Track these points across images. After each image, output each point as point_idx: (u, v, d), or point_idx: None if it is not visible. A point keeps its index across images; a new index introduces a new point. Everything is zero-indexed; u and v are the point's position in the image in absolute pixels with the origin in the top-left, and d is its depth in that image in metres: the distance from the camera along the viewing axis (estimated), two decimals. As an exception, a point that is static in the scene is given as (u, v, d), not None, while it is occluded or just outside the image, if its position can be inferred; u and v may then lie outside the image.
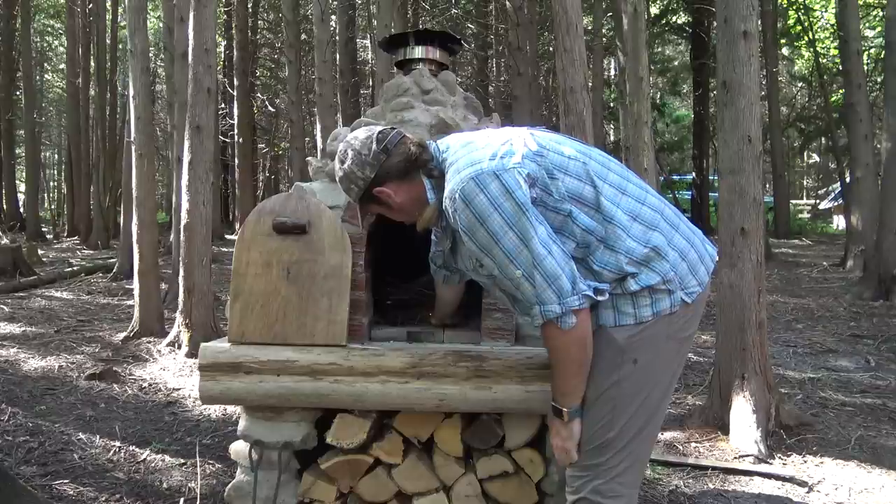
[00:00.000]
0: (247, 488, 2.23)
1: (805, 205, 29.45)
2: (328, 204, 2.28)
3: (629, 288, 1.57)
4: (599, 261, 1.57)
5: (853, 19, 9.60)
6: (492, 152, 1.55)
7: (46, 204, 27.03)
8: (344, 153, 1.69)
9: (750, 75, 3.69)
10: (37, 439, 3.44)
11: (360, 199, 1.72)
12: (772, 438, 3.47)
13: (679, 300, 1.60)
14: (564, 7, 4.59)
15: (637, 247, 1.56)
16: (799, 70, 22.92)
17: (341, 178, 1.71)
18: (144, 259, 6.09)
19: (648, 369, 1.61)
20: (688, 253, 1.63)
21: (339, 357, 2.12)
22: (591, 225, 1.56)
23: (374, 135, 1.67)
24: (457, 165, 1.58)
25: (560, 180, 1.56)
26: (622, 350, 1.59)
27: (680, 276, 1.60)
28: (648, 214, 1.61)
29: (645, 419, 1.64)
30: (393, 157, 1.65)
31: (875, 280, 7.68)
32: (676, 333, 1.64)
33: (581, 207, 1.57)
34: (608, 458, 1.63)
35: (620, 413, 1.61)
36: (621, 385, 1.60)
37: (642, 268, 1.57)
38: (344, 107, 12.88)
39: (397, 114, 2.43)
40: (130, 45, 6.37)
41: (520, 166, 1.52)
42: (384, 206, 1.71)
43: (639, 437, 1.64)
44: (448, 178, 1.59)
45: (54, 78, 27.29)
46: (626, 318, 1.59)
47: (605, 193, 1.58)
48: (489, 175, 1.50)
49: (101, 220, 15.81)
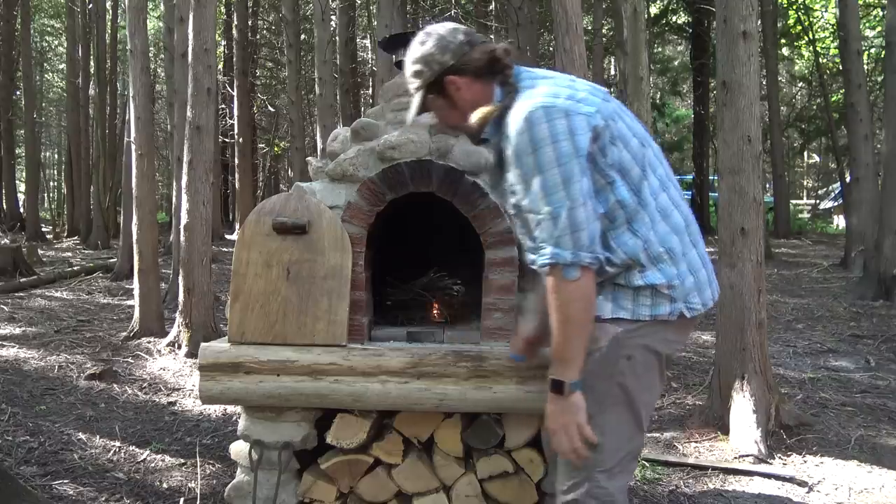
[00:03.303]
0: (247, 488, 2.23)
1: (805, 205, 29.42)
2: (328, 204, 2.28)
3: (633, 282, 1.58)
4: (618, 239, 1.58)
5: (853, 19, 9.59)
6: (570, 93, 1.56)
7: (46, 204, 27.05)
8: (426, 36, 1.67)
9: (750, 75, 3.69)
10: (37, 439, 3.44)
11: (427, 86, 1.68)
12: (772, 438, 3.47)
13: (678, 311, 1.59)
14: (564, 7, 4.59)
15: (655, 242, 1.58)
16: (799, 70, 22.92)
17: (416, 59, 1.67)
18: (144, 259, 6.09)
19: (639, 370, 1.60)
20: (698, 271, 1.64)
21: (339, 357, 2.12)
22: (627, 201, 1.57)
23: (462, 28, 1.69)
24: (533, 91, 1.58)
25: (618, 149, 1.57)
26: (618, 343, 1.58)
27: (686, 287, 1.60)
28: (676, 220, 1.63)
29: (632, 421, 1.63)
30: (474, 53, 1.64)
31: (875, 280, 7.68)
32: (669, 343, 1.64)
33: (624, 181, 1.58)
34: (602, 457, 1.59)
35: (610, 408, 1.60)
36: (614, 378, 1.59)
37: (651, 265, 1.57)
38: (344, 107, 12.88)
39: (397, 114, 2.43)
40: (130, 45, 6.37)
41: (590, 116, 1.53)
42: (446, 99, 1.68)
43: (629, 439, 1.63)
44: (520, 98, 1.58)
45: (54, 78, 27.29)
46: (623, 312, 1.59)
47: (650, 181, 1.60)
48: (559, 111, 1.51)
49: (101, 220, 15.79)
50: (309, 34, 16.30)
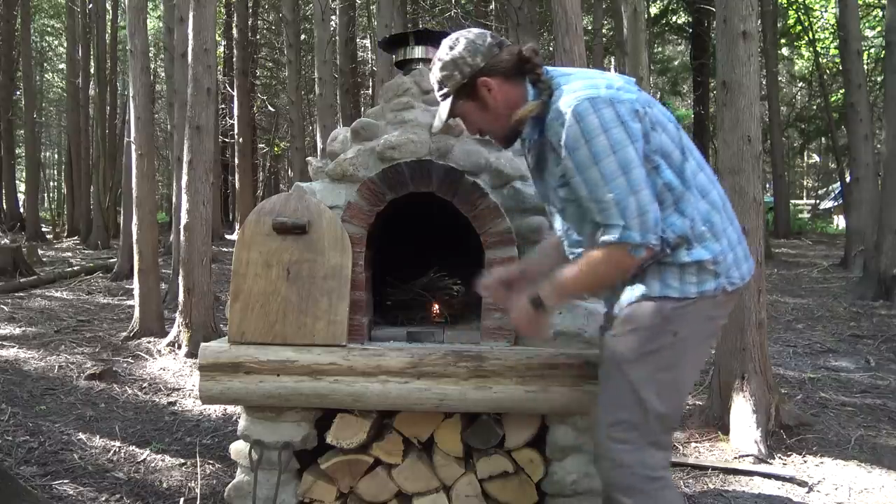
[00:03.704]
0: (247, 488, 2.23)
1: (805, 205, 29.41)
2: (328, 204, 2.28)
3: (680, 259, 1.61)
4: (667, 220, 1.61)
5: (853, 19, 9.59)
6: (608, 83, 1.60)
7: (46, 204, 27.05)
8: (454, 41, 1.69)
9: (750, 75, 3.69)
10: (37, 439, 3.44)
11: (457, 90, 1.68)
12: (772, 438, 3.47)
13: (721, 286, 1.64)
14: (564, 7, 4.59)
15: (699, 220, 1.62)
16: (799, 70, 22.91)
17: (445, 64, 1.68)
18: (144, 259, 6.09)
19: (685, 345, 1.64)
20: (735, 247, 1.68)
21: (338, 357, 2.12)
22: (673, 183, 1.61)
23: (488, 32, 1.71)
24: (571, 86, 1.60)
25: (658, 134, 1.61)
26: (666, 319, 1.62)
27: (727, 263, 1.65)
28: (714, 197, 1.68)
29: (676, 396, 1.67)
30: (503, 54, 1.67)
31: (875, 280, 7.68)
32: (714, 319, 1.68)
33: (667, 165, 1.62)
34: (652, 434, 1.64)
35: (654, 383, 1.63)
36: (661, 353, 1.63)
37: (697, 242, 1.62)
38: (344, 107, 12.88)
39: (397, 114, 2.43)
40: (130, 45, 6.37)
41: (633, 102, 1.57)
42: (478, 101, 1.69)
43: (674, 412, 1.68)
44: (559, 95, 1.60)
45: (54, 78, 27.30)
46: (670, 290, 1.62)
47: (690, 162, 1.66)
48: (604, 101, 1.54)
49: (101, 220, 15.80)
50: (309, 34, 16.30)
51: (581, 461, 2.19)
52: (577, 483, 2.18)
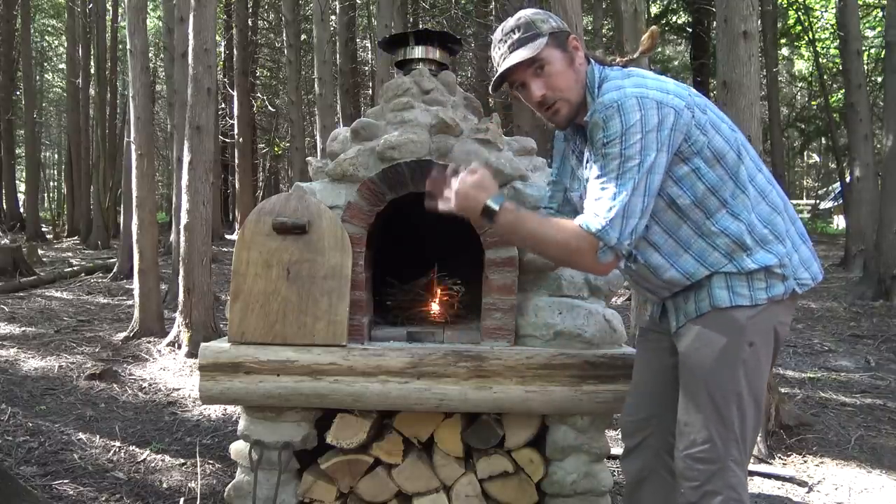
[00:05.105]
0: (247, 488, 2.23)
1: (805, 205, 29.41)
2: (328, 204, 2.28)
3: (746, 266, 1.58)
4: (720, 223, 1.59)
5: (853, 19, 9.60)
6: (660, 85, 1.59)
7: (46, 204, 27.06)
8: (520, 16, 1.67)
9: (750, 75, 3.69)
10: (37, 439, 3.44)
11: (552, 34, 1.64)
12: (772, 438, 3.47)
13: (791, 288, 1.61)
14: (564, 7, 4.58)
15: (759, 224, 1.60)
16: (799, 70, 22.92)
17: (522, 24, 1.65)
18: (144, 259, 6.09)
19: (758, 355, 1.60)
20: (800, 247, 1.66)
21: (338, 357, 2.12)
22: (717, 185, 1.59)
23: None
24: (622, 81, 1.60)
25: (711, 137, 1.59)
26: (742, 330, 1.58)
27: (794, 264, 1.62)
28: (774, 198, 1.65)
29: (757, 411, 1.60)
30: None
31: (875, 280, 7.68)
32: (783, 324, 1.65)
33: (714, 168, 1.59)
34: (736, 452, 1.59)
35: (735, 397, 1.57)
36: (741, 367, 1.58)
37: (759, 247, 1.59)
38: (344, 107, 12.87)
39: (397, 114, 2.43)
40: (130, 45, 6.37)
41: (679, 109, 1.56)
42: (567, 54, 1.65)
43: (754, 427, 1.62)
44: (609, 88, 1.59)
45: (54, 78, 27.31)
46: (741, 298, 1.59)
47: (746, 164, 1.63)
48: (653, 102, 1.54)
49: (101, 220, 15.81)
50: (309, 34, 16.28)
51: (581, 461, 2.19)
52: (576, 483, 2.18)
